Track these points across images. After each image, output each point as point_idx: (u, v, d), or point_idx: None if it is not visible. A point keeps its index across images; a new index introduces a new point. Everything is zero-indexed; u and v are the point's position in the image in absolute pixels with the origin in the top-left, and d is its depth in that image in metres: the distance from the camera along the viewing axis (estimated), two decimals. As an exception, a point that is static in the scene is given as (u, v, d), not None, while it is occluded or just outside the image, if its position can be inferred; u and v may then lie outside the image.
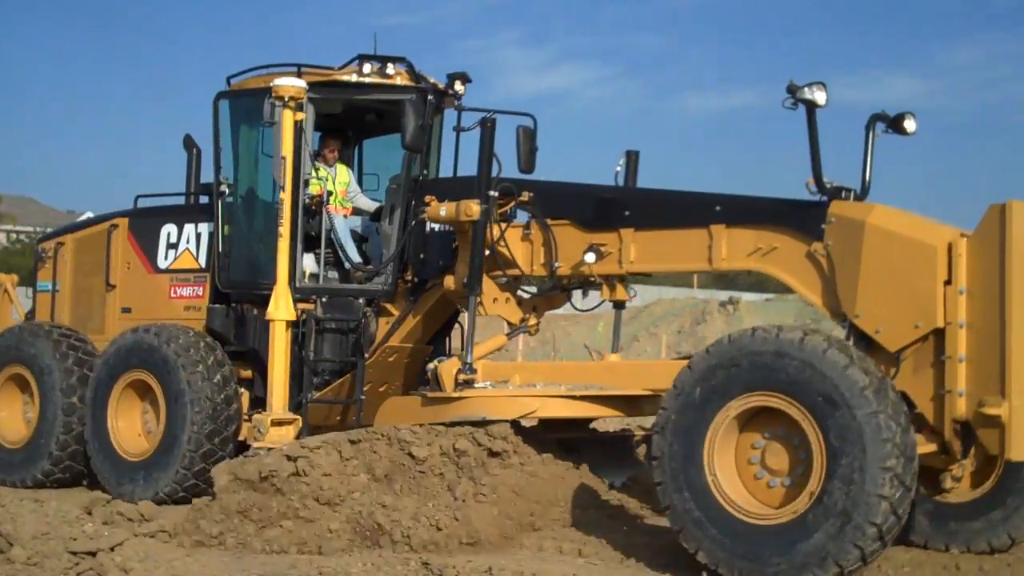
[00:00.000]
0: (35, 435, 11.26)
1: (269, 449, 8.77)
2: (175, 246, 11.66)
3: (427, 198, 9.75)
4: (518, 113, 10.42)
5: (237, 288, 10.98)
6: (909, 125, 8.22)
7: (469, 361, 9.26)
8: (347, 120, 11.53)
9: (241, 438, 10.43)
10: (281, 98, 9.63)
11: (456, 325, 11.02)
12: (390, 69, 10.38)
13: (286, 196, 9.69)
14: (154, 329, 10.75)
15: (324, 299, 10.52)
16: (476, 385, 9.20)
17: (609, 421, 13.02)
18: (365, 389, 10.38)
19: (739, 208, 8.59)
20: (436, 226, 10.21)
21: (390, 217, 10.53)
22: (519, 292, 10.07)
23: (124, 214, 12.16)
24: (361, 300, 10.52)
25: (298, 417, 9.57)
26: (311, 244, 10.72)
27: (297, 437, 9.49)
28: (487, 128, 9.28)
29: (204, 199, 12.06)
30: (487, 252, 9.53)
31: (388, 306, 10.53)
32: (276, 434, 9.29)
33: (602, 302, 10.29)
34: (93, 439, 10.90)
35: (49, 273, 12.65)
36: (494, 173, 9.34)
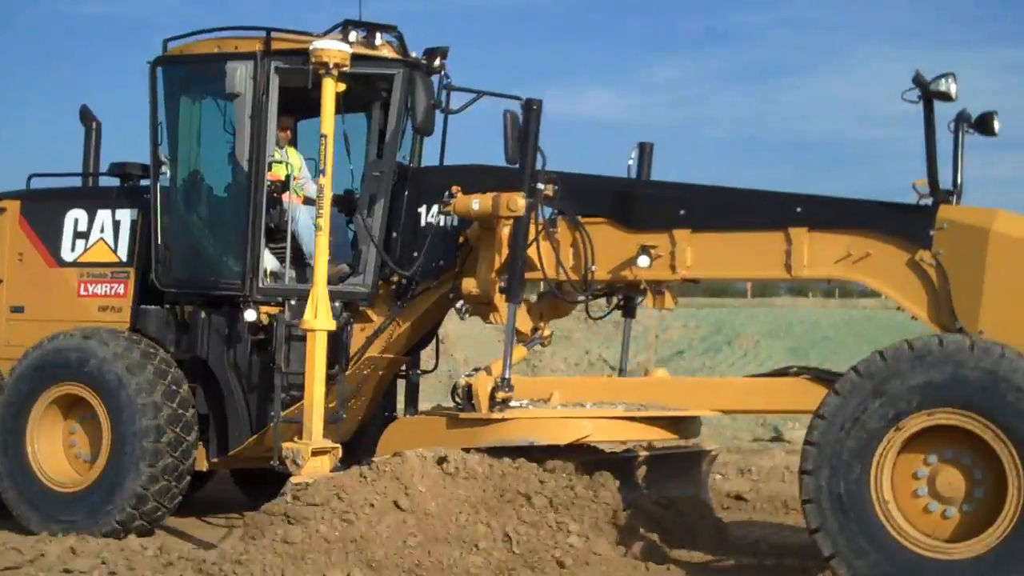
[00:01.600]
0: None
1: (307, 484, 7.32)
2: (84, 235, 9.87)
3: (454, 189, 8.46)
4: (508, 96, 9.22)
5: (182, 287, 9.34)
6: (994, 125, 7.64)
7: (507, 377, 8.05)
8: (291, 97, 10.05)
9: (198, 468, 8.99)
10: (324, 64, 8.12)
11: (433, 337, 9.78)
12: (378, 39, 9.03)
13: (327, 182, 8.18)
14: (83, 333, 9.02)
15: (293, 302, 9.04)
16: (512, 404, 8.02)
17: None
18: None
19: (825, 210, 7.77)
20: (434, 220, 8.95)
21: (369, 208, 9.16)
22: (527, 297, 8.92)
23: (13, 196, 10.23)
24: (337, 304, 9.10)
25: (337, 445, 8.10)
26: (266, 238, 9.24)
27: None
28: (533, 111, 8.09)
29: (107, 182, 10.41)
30: (506, 252, 8.41)
31: (367, 311, 9.17)
32: (314, 465, 7.79)
33: (612, 310, 9.31)
34: (6, 469, 9.07)
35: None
36: (538, 165, 8.17)
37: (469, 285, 8.49)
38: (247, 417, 9.13)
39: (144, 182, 9.90)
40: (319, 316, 7.95)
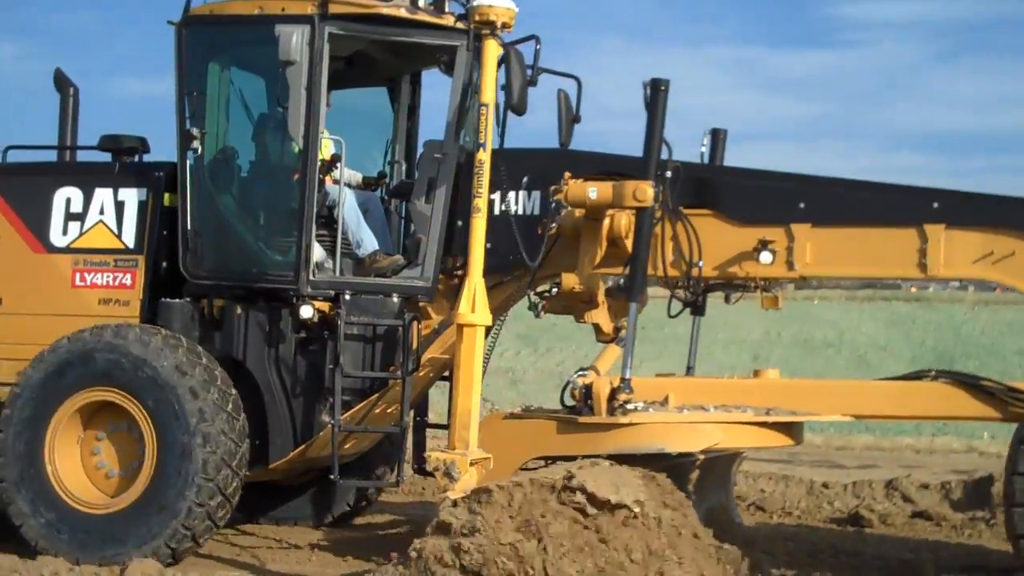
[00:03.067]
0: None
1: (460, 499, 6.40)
2: (79, 217, 8.61)
3: (566, 175, 7.67)
4: (562, 74, 8.28)
5: (217, 278, 8.22)
6: None
7: (628, 378, 7.35)
8: None
9: None
10: (489, 24, 7.15)
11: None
12: (447, 6, 8.16)
13: (486, 157, 7.22)
14: (113, 332, 7.82)
15: (347, 296, 8.08)
16: (628, 407, 7.33)
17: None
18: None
19: (965, 207, 7.38)
20: (510, 209, 8.15)
21: (427, 194, 8.27)
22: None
23: (-14, 168, 8.87)
24: (395, 299, 8.19)
25: (489, 455, 7.17)
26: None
27: None
28: (660, 92, 7.40)
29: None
30: (607, 246, 7.74)
31: (426, 307, 8.29)
32: (466, 479, 6.84)
33: (684, 308, 8.70)
34: (21, 486, 7.78)
35: None
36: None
37: (571, 281, 7.75)
38: (291, 426, 8.12)
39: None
40: (477, 310, 7.02)
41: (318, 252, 8.11)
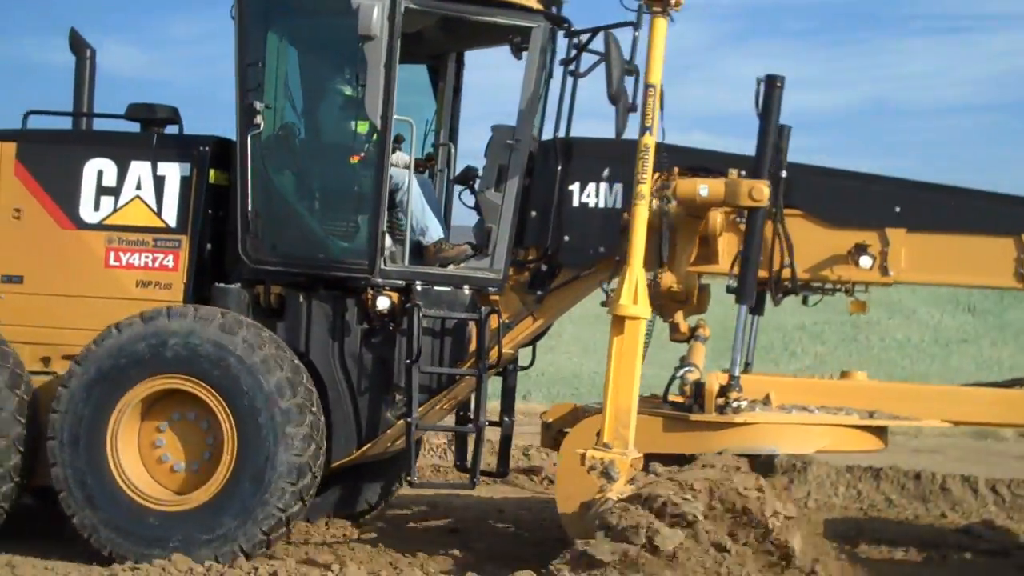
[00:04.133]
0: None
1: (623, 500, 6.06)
2: (113, 192, 7.94)
3: (677, 170, 7.36)
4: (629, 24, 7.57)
5: (279, 264, 7.66)
6: None
7: (738, 375, 7.11)
8: None
9: None
10: (663, 1, 6.70)
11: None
12: (532, -16, 7.73)
13: (651, 141, 6.77)
14: (181, 314, 7.24)
15: (419, 287, 7.65)
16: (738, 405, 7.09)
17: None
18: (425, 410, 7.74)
19: None
20: (590, 201, 7.81)
21: (496, 183, 7.87)
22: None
23: (3, 136, 8.06)
24: (466, 290, 7.78)
25: (640, 455, 6.78)
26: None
27: None
28: (776, 89, 7.14)
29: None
30: (700, 244, 7.50)
31: (496, 300, 7.91)
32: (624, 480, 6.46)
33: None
34: (82, 478, 7.17)
35: None
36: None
37: (669, 280, 7.46)
38: (355, 423, 7.66)
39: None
40: (640, 302, 6.62)
41: (386, 239, 7.66)
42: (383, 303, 7.51)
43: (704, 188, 7.22)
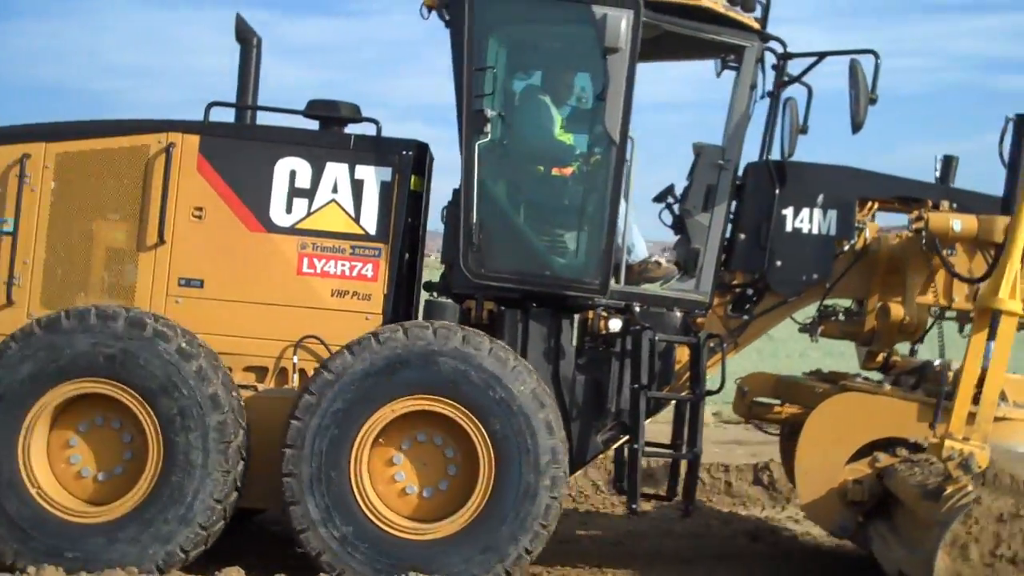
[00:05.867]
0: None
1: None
2: (307, 194, 7.45)
3: (928, 202, 7.33)
4: (847, 52, 7.57)
5: (503, 280, 7.31)
6: None
7: None
8: None
9: None
10: None
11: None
12: (751, 2, 7.60)
13: None
14: (473, 339, 6.80)
15: (637, 308, 7.43)
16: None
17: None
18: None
19: None
20: (803, 227, 7.73)
21: (704, 202, 7.72)
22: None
23: (187, 128, 7.46)
24: (677, 313, 7.60)
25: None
26: None
27: None
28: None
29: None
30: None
31: (701, 323, 7.75)
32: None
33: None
34: (315, 488, 6.70)
35: (-4, 204, 7.43)
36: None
37: (899, 312, 7.44)
38: (568, 449, 7.37)
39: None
40: (1016, 296, 6.32)
41: None
42: (615, 324, 7.28)
43: (957, 223, 7.23)
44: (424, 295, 7.80)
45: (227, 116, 7.87)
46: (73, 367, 6.76)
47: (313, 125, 7.77)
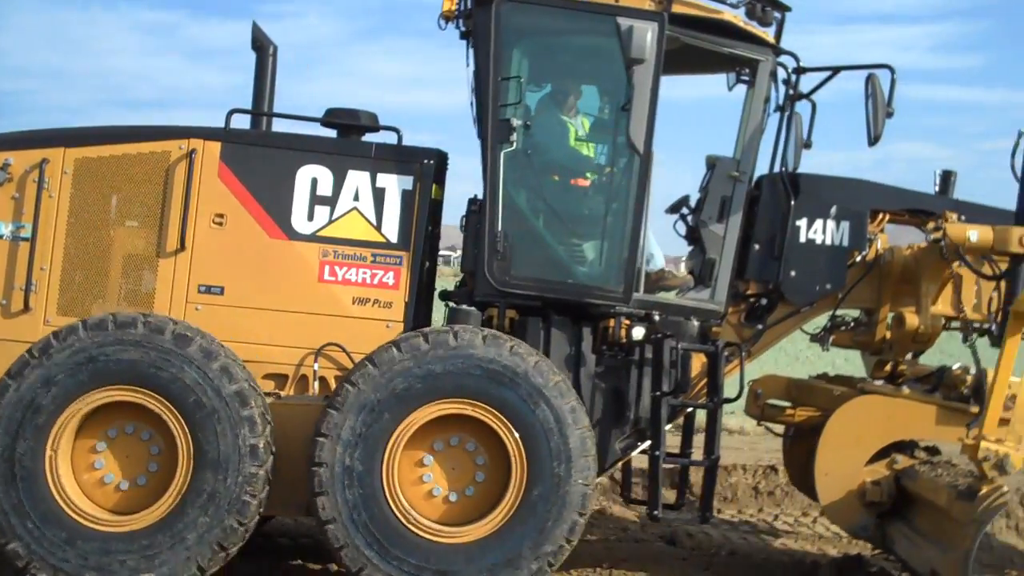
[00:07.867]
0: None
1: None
2: (329, 201, 7.44)
3: (946, 213, 7.47)
4: (862, 66, 7.76)
5: (527, 288, 7.34)
6: None
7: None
8: None
9: None
10: None
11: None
12: (769, 17, 7.73)
13: None
14: (497, 341, 6.86)
15: (656, 317, 7.51)
16: None
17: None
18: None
19: None
20: (817, 238, 7.86)
21: (719, 213, 7.83)
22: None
23: (208, 134, 7.43)
24: (695, 322, 7.69)
25: None
26: None
27: None
28: (1040, 140, 7.37)
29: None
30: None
31: (716, 332, 7.85)
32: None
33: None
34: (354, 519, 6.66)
35: (13, 210, 7.32)
36: None
37: (914, 322, 7.58)
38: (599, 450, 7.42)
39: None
40: None
41: None
42: (638, 333, 7.34)
43: (974, 234, 7.38)
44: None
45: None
46: (103, 375, 6.72)
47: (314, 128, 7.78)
